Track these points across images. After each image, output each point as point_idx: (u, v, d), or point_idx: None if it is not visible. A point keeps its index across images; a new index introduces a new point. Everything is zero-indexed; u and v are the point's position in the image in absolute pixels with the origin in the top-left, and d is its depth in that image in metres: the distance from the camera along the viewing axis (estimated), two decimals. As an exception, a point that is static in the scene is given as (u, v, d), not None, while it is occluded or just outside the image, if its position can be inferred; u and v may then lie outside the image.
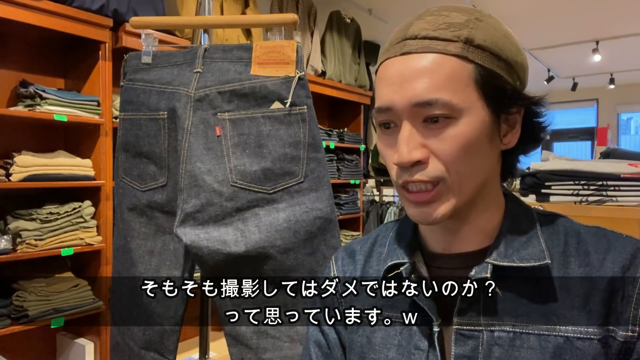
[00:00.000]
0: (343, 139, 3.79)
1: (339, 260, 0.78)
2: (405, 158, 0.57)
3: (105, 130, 2.21)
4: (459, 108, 0.57)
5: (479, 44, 0.58)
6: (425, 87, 0.57)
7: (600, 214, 1.36)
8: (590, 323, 0.57)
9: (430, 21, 0.60)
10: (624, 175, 1.36)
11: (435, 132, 0.58)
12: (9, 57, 2.19)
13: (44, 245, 2.01)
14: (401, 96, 0.58)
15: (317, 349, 0.76)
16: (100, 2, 2.12)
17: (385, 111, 0.60)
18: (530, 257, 0.61)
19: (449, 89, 0.57)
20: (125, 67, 1.33)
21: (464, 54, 0.58)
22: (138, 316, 1.30)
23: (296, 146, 1.18)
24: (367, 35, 4.40)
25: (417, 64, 0.58)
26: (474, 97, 0.58)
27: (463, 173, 0.59)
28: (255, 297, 1.23)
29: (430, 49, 0.58)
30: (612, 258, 0.59)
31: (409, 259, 0.67)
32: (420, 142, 0.58)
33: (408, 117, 0.58)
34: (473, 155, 0.59)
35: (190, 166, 1.19)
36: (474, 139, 0.58)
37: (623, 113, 7.51)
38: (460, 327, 0.61)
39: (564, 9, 4.05)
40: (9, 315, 1.95)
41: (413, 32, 0.60)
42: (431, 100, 0.56)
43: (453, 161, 0.58)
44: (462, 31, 0.58)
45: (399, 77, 0.59)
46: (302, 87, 1.18)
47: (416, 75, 0.57)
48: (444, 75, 0.57)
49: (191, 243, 1.17)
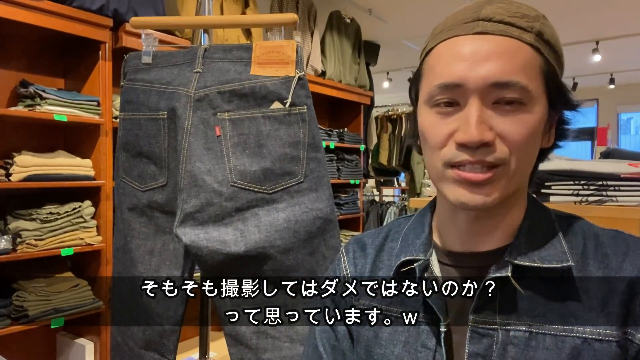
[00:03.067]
0: (343, 139, 3.79)
1: (350, 252, 0.77)
2: (475, 137, 0.55)
3: (105, 130, 2.21)
4: (532, 95, 0.57)
5: (547, 39, 0.60)
6: (505, 68, 0.56)
7: (600, 214, 1.36)
8: (608, 325, 0.56)
9: (504, 7, 0.59)
10: (624, 175, 1.35)
11: (506, 115, 0.57)
12: (9, 57, 2.19)
13: (44, 245, 2.01)
14: (476, 74, 0.56)
15: (325, 339, 0.75)
16: (100, 2, 2.12)
17: (453, 88, 0.58)
18: (552, 258, 0.60)
19: (525, 75, 0.57)
20: (125, 67, 1.33)
21: (537, 45, 0.58)
22: (138, 316, 1.30)
23: (296, 146, 1.18)
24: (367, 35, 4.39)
25: (495, 44, 0.57)
26: (541, 89, 0.59)
27: (523, 160, 0.59)
28: (255, 297, 1.23)
29: (507, 33, 0.57)
30: (631, 261, 0.59)
31: (423, 255, 0.66)
32: (489, 124, 0.57)
33: (480, 95, 0.57)
34: (534, 144, 0.60)
35: (190, 166, 1.19)
36: (538, 128, 0.59)
37: (623, 113, 7.51)
38: (475, 325, 0.61)
39: (564, 9, 4.05)
40: (9, 315, 1.95)
41: (487, 14, 0.58)
42: (511, 81, 0.56)
43: (519, 146, 0.57)
44: (534, 23, 0.59)
45: (474, 55, 0.57)
46: (302, 87, 1.18)
47: (495, 55, 0.56)
48: (521, 60, 0.57)
49: (191, 243, 1.17)
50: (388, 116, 4.99)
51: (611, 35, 4.69)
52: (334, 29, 3.73)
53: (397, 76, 6.02)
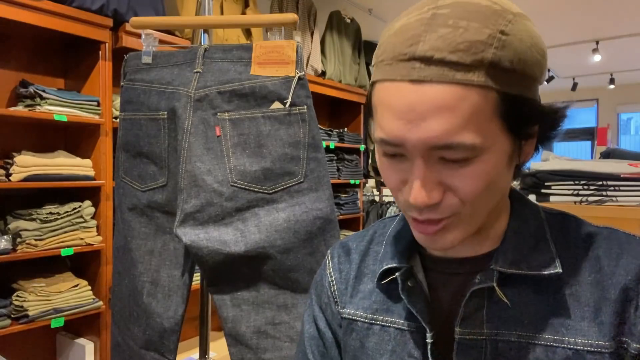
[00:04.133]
0: (343, 139, 3.79)
1: (335, 258, 0.75)
2: (421, 203, 0.52)
3: (105, 130, 2.22)
4: (482, 147, 0.50)
5: (505, 66, 0.49)
6: (444, 128, 0.49)
7: (600, 214, 1.36)
8: (601, 336, 0.54)
9: (446, 37, 0.48)
10: (624, 175, 1.36)
11: (453, 170, 0.52)
12: (9, 57, 2.19)
13: (44, 245, 2.01)
14: (414, 135, 0.50)
15: (314, 346, 0.73)
16: (100, 2, 2.12)
17: (394, 146, 0.52)
18: (540, 264, 0.57)
19: (471, 128, 0.49)
20: (125, 67, 1.33)
21: (488, 84, 0.49)
22: (138, 316, 1.30)
23: (296, 146, 1.18)
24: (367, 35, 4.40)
25: (433, 97, 0.48)
26: (497, 130, 0.51)
27: (479, 205, 0.54)
28: (255, 297, 1.23)
29: (448, 79, 0.48)
30: (625, 265, 0.56)
31: (406, 262, 0.63)
32: (437, 181, 0.52)
33: (422, 155, 0.51)
34: (493, 187, 0.54)
35: (190, 166, 1.19)
36: (496, 173, 0.53)
37: (623, 113, 7.51)
38: (462, 337, 0.58)
39: (564, 9, 4.05)
40: (9, 315, 1.95)
41: (424, 50, 0.49)
42: (452, 144, 0.49)
43: (472, 198, 0.53)
44: (485, 53, 0.48)
45: (409, 112, 0.50)
46: (302, 87, 1.18)
47: (432, 112, 0.49)
48: (466, 112, 0.49)
49: (191, 243, 1.17)
50: (388, 116, 4.99)
51: (611, 35, 4.69)
52: (334, 29, 3.74)
53: (397, 76, 6.01)
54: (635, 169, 1.35)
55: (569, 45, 4.92)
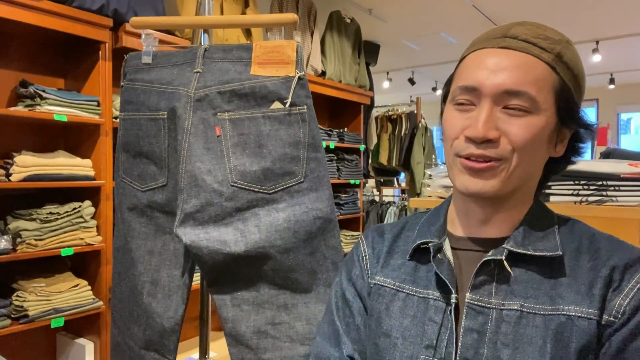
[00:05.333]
0: (343, 139, 3.79)
1: (369, 238, 0.87)
2: (480, 133, 0.65)
3: (105, 130, 2.22)
4: (539, 106, 0.66)
5: (566, 61, 0.68)
6: (518, 79, 0.66)
7: (600, 214, 1.36)
8: (591, 305, 0.64)
9: (531, 29, 0.69)
10: (624, 175, 1.35)
11: (512, 118, 0.66)
12: (9, 57, 2.19)
13: (44, 245, 2.01)
14: (491, 81, 0.66)
15: (341, 316, 0.82)
16: (100, 2, 2.12)
17: (471, 90, 0.68)
18: (545, 248, 0.69)
19: (536, 87, 0.66)
20: (125, 67, 1.33)
21: (554, 65, 0.67)
22: (138, 316, 1.30)
23: (296, 146, 1.18)
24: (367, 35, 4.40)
25: (514, 58, 0.67)
26: (551, 103, 0.67)
27: (523, 159, 0.67)
28: (255, 297, 1.23)
29: (528, 50, 0.67)
30: (619, 255, 0.67)
31: (437, 239, 0.75)
32: (496, 124, 0.66)
33: (492, 100, 0.66)
34: (536, 147, 0.68)
35: (190, 166, 1.19)
36: (542, 134, 0.67)
37: (623, 113, 7.50)
38: (471, 302, 0.68)
39: (564, 9, 4.05)
40: (9, 315, 1.95)
41: (514, 33, 0.69)
42: (520, 91, 0.65)
43: (521, 146, 0.66)
44: (556, 46, 0.68)
45: (494, 65, 0.67)
46: (302, 87, 1.18)
47: (512, 67, 0.66)
48: (535, 75, 0.66)
49: (191, 243, 1.17)
50: (388, 116, 5.00)
51: (611, 35, 4.69)
52: (334, 29, 3.74)
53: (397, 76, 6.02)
54: (635, 169, 1.35)
55: (569, 45, 4.91)
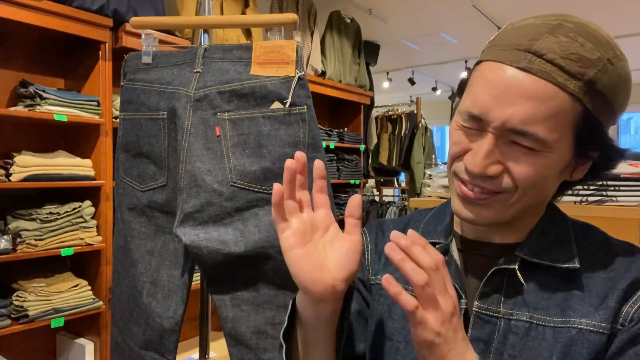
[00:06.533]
0: (343, 139, 3.79)
1: (372, 234, 0.81)
2: (478, 171, 0.58)
3: (105, 130, 2.22)
4: (549, 145, 0.56)
5: (599, 89, 0.56)
6: (527, 115, 0.55)
7: (600, 214, 1.36)
8: (604, 319, 0.59)
9: (563, 44, 0.55)
10: (624, 175, 1.35)
11: (517, 154, 0.57)
12: (9, 57, 2.19)
13: (44, 245, 2.01)
14: (498, 112, 0.56)
15: None
16: (100, 2, 2.12)
17: (475, 119, 0.59)
18: (560, 258, 0.63)
19: (548, 125, 0.55)
20: (125, 67, 1.33)
21: (580, 96, 0.55)
22: (138, 316, 1.30)
23: (296, 146, 1.18)
24: (367, 35, 4.40)
25: (530, 86, 0.55)
26: (568, 138, 0.57)
27: (527, 195, 0.60)
28: (255, 297, 1.23)
29: (550, 78, 0.55)
30: (637, 266, 0.61)
31: (444, 240, 0.70)
32: (498, 159, 0.58)
33: (496, 133, 0.57)
34: (543, 183, 0.60)
35: (190, 166, 1.19)
36: (551, 172, 0.59)
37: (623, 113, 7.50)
38: (479, 311, 0.64)
39: (564, 9, 4.05)
40: (9, 315, 1.95)
41: (540, 48, 0.55)
42: (527, 132, 0.55)
43: (525, 185, 0.58)
44: (589, 70, 0.55)
45: (504, 92, 0.56)
46: (302, 87, 1.18)
47: (524, 98, 0.55)
48: (550, 109, 0.55)
49: (191, 243, 1.17)
50: (388, 116, 5.00)
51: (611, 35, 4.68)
52: (334, 29, 3.74)
53: (397, 76, 6.02)
54: (635, 169, 1.35)
55: (569, 45, 4.92)
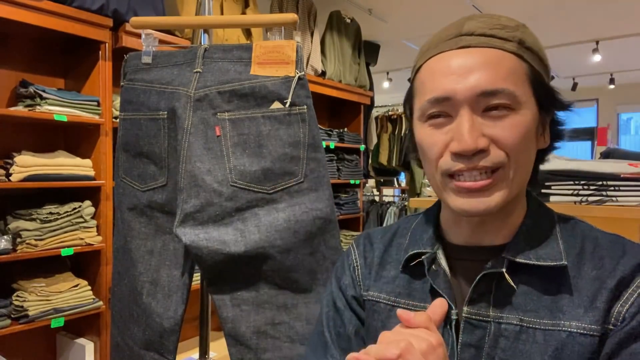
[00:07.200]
0: (343, 139, 3.78)
1: (361, 246, 0.81)
2: (470, 146, 0.58)
3: (105, 130, 2.21)
4: (519, 100, 0.60)
5: (529, 46, 0.62)
6: (490, 77, 0.59)
7: (600, 214, 1.36)
8: (594, 321, 0.58)
9: (484, 21, 0.63)
10: (624, 175, 1.35)
11: (496, 121, 0.60)
12: (9, 57, 2.19)
13: (44, 245, 2.01)
14: (464, 86, 0.59)
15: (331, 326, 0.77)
16: (100, 2, 2.12)
17: (442, 101, 0.61)
18: (548, 256, 0.62)
19: (511, 82, 0.60)
20: (125, 67, 1.33)
21: (520, 53, 0.61)
22: (138, 316, 1.30)
23: (296, 146, 1.18)
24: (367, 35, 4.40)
25: (479, 56, 0.60)
26: (529, 93, 0.62)
27: (521, 162, 0.61)
28: (255, 297, 1.23)
29: (490, 44, 0.61)
30: (625, 262, 0.61)
31: (431, 249, 0.70)
32: (481, 131, 0.60)
33: (469, 105, 0.60)
34: (528, 146, 0.62)
35: (190, 166, 1.19)
36: (530, 130, 0.61)
37: (623, 113, 7.50)
38: (469, 316, 0.64)
39: (564, 9, 4.05)
40: (9, 315, 1.95)
41: (469, 29, 0.62)
42: (498, 89, 0.59)
43: (514, 148, 0.60)
44: (515, 33, 0.62)
45: (460, 68, 0.60)
46: (302, 87, 1.18)
47: (480, 66, 0.60)
48: (506, 68, 0.60)
49: (191, 243, 1.17)
50: (388, 116, 5.00)
51: (611, 35, 4.68)
52: (334, 29, 3.73)
53: (397, 76, 6.02)
54: (635, 169, 1.35)
55: (568, 45, 4.92)
